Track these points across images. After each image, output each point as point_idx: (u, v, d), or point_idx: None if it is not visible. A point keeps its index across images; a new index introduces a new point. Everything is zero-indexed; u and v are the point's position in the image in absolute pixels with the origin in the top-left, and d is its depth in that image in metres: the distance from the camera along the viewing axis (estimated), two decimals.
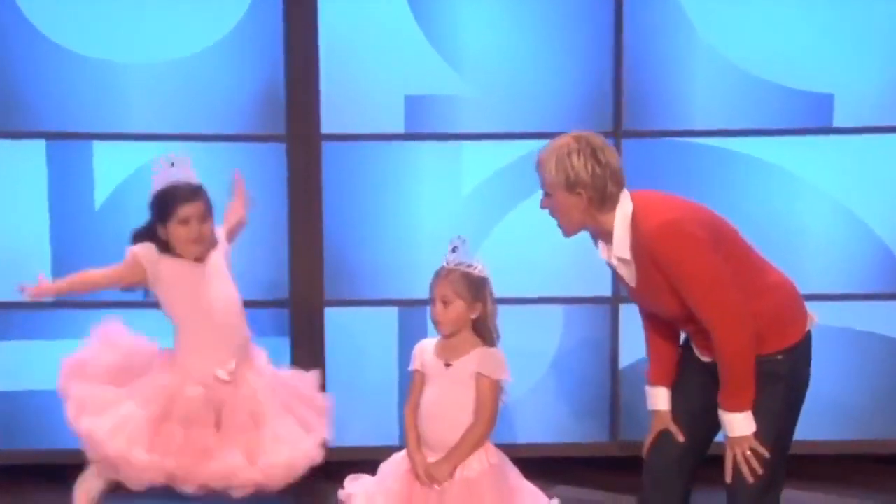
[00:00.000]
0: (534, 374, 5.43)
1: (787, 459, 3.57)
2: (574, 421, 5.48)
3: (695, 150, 5.34)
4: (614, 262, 3.52)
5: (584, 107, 5.33)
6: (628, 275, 3.51)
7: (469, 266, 3.83)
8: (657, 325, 3.70)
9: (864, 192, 5.35)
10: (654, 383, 3.71)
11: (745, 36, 5.28)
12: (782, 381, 3.48)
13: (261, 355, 4.24)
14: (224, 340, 4.09)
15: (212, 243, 4.14)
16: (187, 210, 4.04)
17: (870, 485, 5.25)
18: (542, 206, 3.57)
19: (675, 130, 5.33)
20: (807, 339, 3.57)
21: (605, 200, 3.44)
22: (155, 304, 4.26)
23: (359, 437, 5.37)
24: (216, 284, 4.13)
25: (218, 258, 4.18)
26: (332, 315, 5.39)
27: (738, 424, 3.44)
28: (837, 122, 5.30)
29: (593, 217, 3.47)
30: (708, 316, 3.38)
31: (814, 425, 5.36)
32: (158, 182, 4.09)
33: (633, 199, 3.48)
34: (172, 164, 4.11)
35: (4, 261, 5.28)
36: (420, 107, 5.31)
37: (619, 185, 3.47)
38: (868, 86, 5.30)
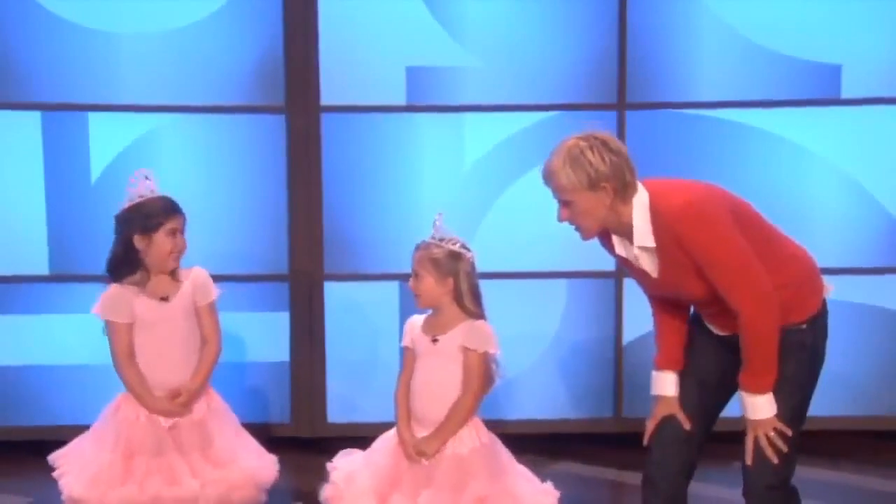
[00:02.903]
0: (536, 349, 5.39)
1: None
2: (577, 396, 5.45)
3: (700, 122, 5.28)
4: (635, 252, 3.47)
5: (587, 78, 5.27)
6: (650, 265, 3.48)
7: (442, 241, 3.80)
8: (668, 309, 3.66)
9: (871, 164, 5.30)
10: (662, 368, 3.67)
11: (751, 5, 5.22)
12: (807, 350, 3.50)
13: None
14: (177, 374, 4.08)
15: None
16: (175, 222, 4.04)
17: (879, 460, 5.22)
18: (562, 219, 3.50)
19: (680, 102, 5.27)
20: (825, 308, 3.59)
21: (626, 189, 3.41)
22: None
23: (359, 413, 5.35)
24: (177, 325, 4.08)
25: (187, 297, 4.11)
26: (331, 289, 5.35)
27: (761, 407, 3.43)
28: (845, 94, 5.25)
29: (616, 211, 3.43)
30: (735, 298, 3.36)
31: (822, 400, 5.33)
32: (137, 193, 4.06)
33: (646, 187, 3.45)
34: (147, 178, 4.08)
35: (0, 235, 5.23)
36: (422, 78, 5.25)
37: (634, 173, 3.45)
38: (876, 56, 5.24)
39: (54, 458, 4.17)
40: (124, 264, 4.07)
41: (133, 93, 5.18)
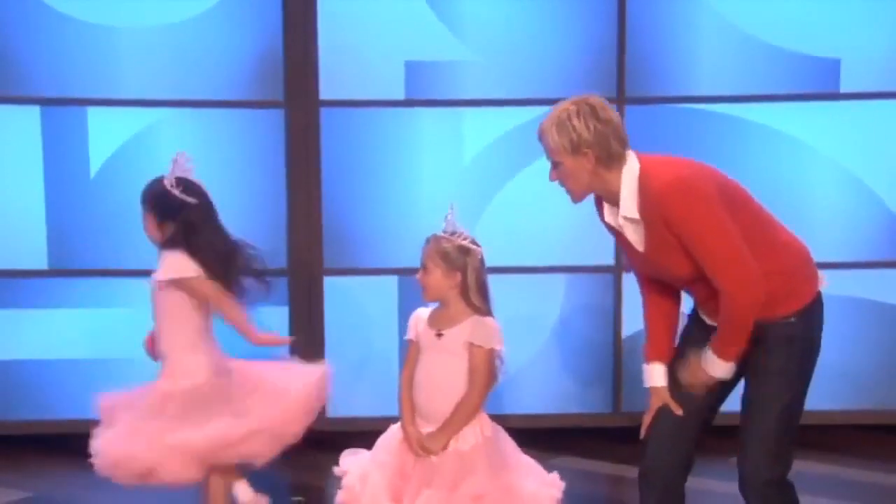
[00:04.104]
0: (536, 343, 5.39)
1: (798, 430, 3.56)
2: (576, 391, 5.45)
3: (699, 116, 5.29)
4: (621, 222, 3.48)
5: (587, 73, 5.27)
6: (636, 237, 3.48)
7: (452, 235, 3.78)
8: (657, 299, 3.67)
9: (870, 159, 5.30)
10: (652, 360, 3.67)
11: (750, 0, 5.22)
12: (797, 343, 3.49)
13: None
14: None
15: None
16: None
17: (878, 454, 5.22)
18: (553, 178, 3.53)
19: (679, 96, 5.28)
20: (819, 301, 3.57)
21: (611, 158, 3.42)
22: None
23: (359, 407, 5.35)
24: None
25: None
26: (331, 284, 5.35)
27: (719, 368, 3.48)
28: (844, 88, 5.25)
29: (601, 177, 3.44)
30: (717, 275, 3.37)
31: (821, 394, 5.33)
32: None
33: (639, 159, 3.46)
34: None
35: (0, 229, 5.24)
36: (420, 73, 5.25)
37: (623, 143, 3.45)
38: (876, 51, 5.23)
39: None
40: None
41: (132, 87, 5.18)
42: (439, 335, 3.81)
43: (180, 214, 3.99)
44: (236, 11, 5.19)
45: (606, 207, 3.54)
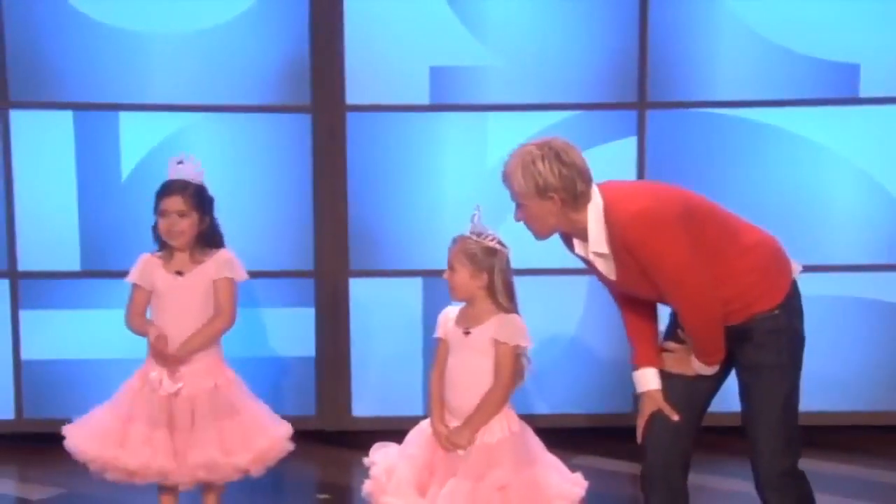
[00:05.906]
0: (557, 344, 5.45)
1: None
2: (596, 391, 5.50)
3: (720, 121, 5.32)
4: (591, 257, 3.56)
5: (609, 77, 5.32)
6: (607, 269, 3.58)
7: (479, 236, 3.83)
8: (635, 309, 3.74)
9: (890, 163, 5.32)
10: (641, 365, 3.74)
11: (770, 5, 5.26)
12: (784, 334, 3.57)
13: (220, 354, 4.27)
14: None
15: (196, 250, 4.15)
16: (164, 203, 4.11)
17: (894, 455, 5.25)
18: (518, 219, 3.61)
19: (699, 101, 5.32)
20: (796, 289, 3.64)
21: (577, 199, 3.50)
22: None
23: (383, 407, 5.42)
24: (182, 303, 4.15)
25: (204, 277, 4.16)
26: (356, 286, 5.42)
27: (704, 369, 3.60)
28: (864, 93, 5.28)
29: (568, 218, 3.53)
30: (673, 297, 3.51)
31: (838, 397, 5.37)
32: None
33: (602, 192, 3.53)
34: (180, 162, 4.18)
35: (33, 231, 5.34)
36: (445, 78, 5.31)
37: (588, 183, 3.52)
38: (895, 55, 5.25)
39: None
40: (156, 240, 4.21)
41: (163, 92, 5.26)
42: (467, 333, 3.86)
43: (210, 211, 4.16)
44: (264, 18, 5.26)
45: (576, 241, 3.61)
